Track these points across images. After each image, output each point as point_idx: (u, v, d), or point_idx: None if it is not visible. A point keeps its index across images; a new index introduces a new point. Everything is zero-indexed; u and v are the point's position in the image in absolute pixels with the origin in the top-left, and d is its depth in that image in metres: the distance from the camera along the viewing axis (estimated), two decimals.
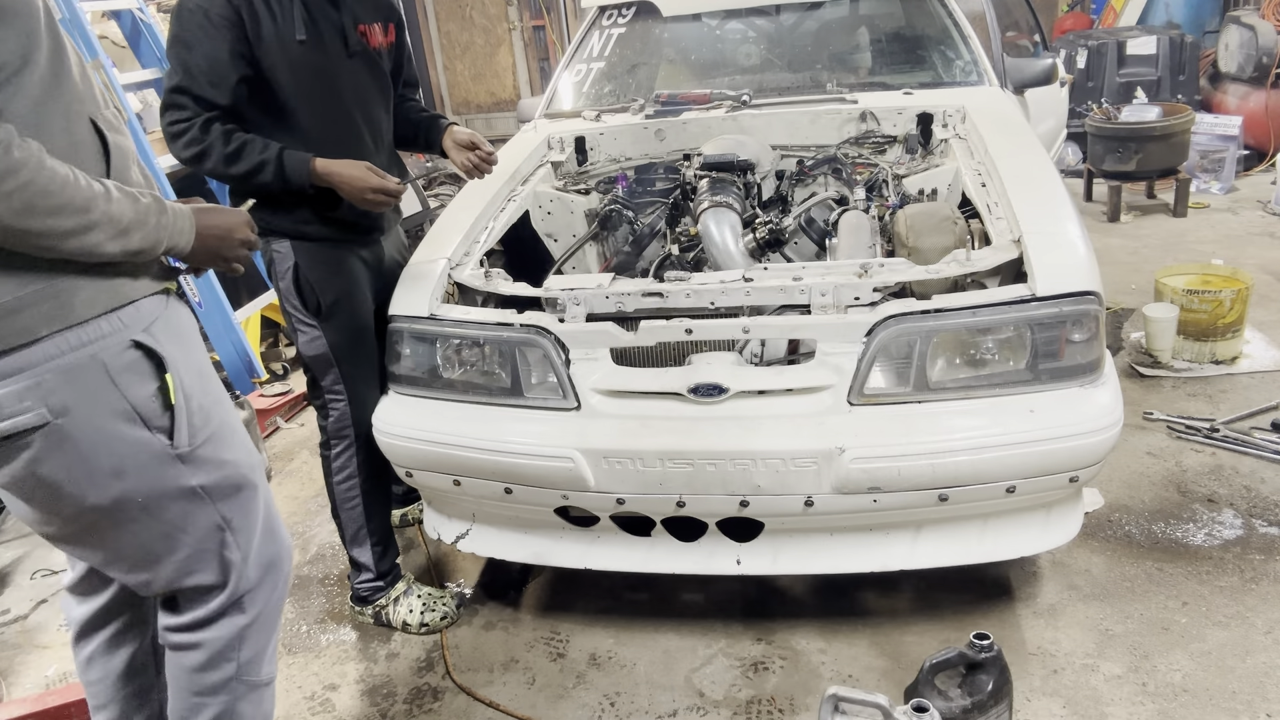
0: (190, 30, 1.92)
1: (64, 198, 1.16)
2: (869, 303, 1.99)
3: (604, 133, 3.11)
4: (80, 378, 1.24)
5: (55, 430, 1.24)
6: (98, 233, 1.21)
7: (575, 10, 8.34)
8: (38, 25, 1.20)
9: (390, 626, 2.40)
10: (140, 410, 1.29)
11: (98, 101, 1.32)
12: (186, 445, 1.34)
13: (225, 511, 1.42)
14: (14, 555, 3.02)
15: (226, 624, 1.47)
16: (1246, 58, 5.72)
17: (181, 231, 1.34)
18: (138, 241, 1.26)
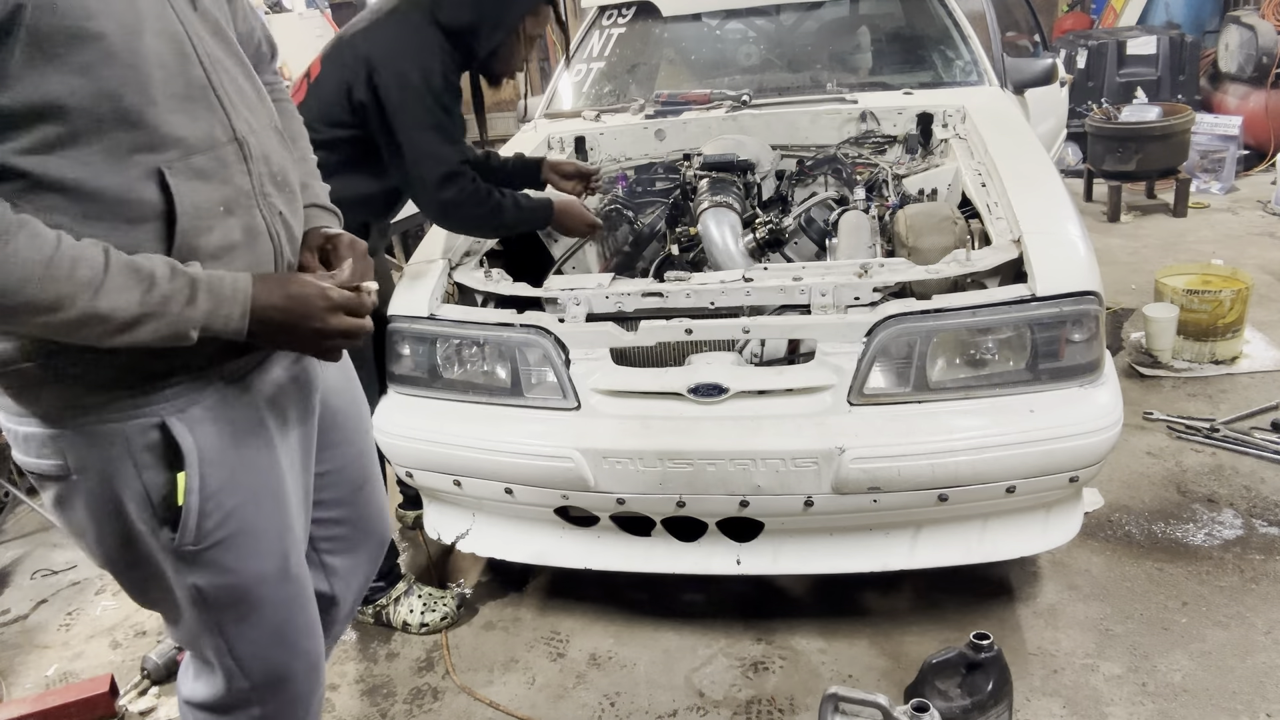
0: (446, 98, 2.06)
1: (20, 297, 0.96)
2: (869, 303, 1.99)
3: (604, 133, 3.11)
4: (101, 444, 1.14)
5: (71, 485, 1.17)
6: (85, 329, 1.02)
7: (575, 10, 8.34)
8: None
9: (390, 626, 2.40)
10: (152, 494, 1.17)
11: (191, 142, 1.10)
12: (191, 545, 1.20)
13: (219, 616, 1.27)
14: (14, 555, 3.03)
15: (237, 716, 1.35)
16: (1246, 58, 5.72)
17: (224, 318, 1.09)
18: (148, 335, 1.05)
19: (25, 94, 0.98)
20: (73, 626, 2.62)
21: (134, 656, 2.42)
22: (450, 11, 2.07)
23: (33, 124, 0.99)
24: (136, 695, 2.27)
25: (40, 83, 0.98)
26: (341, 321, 1.17)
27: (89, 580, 2.84)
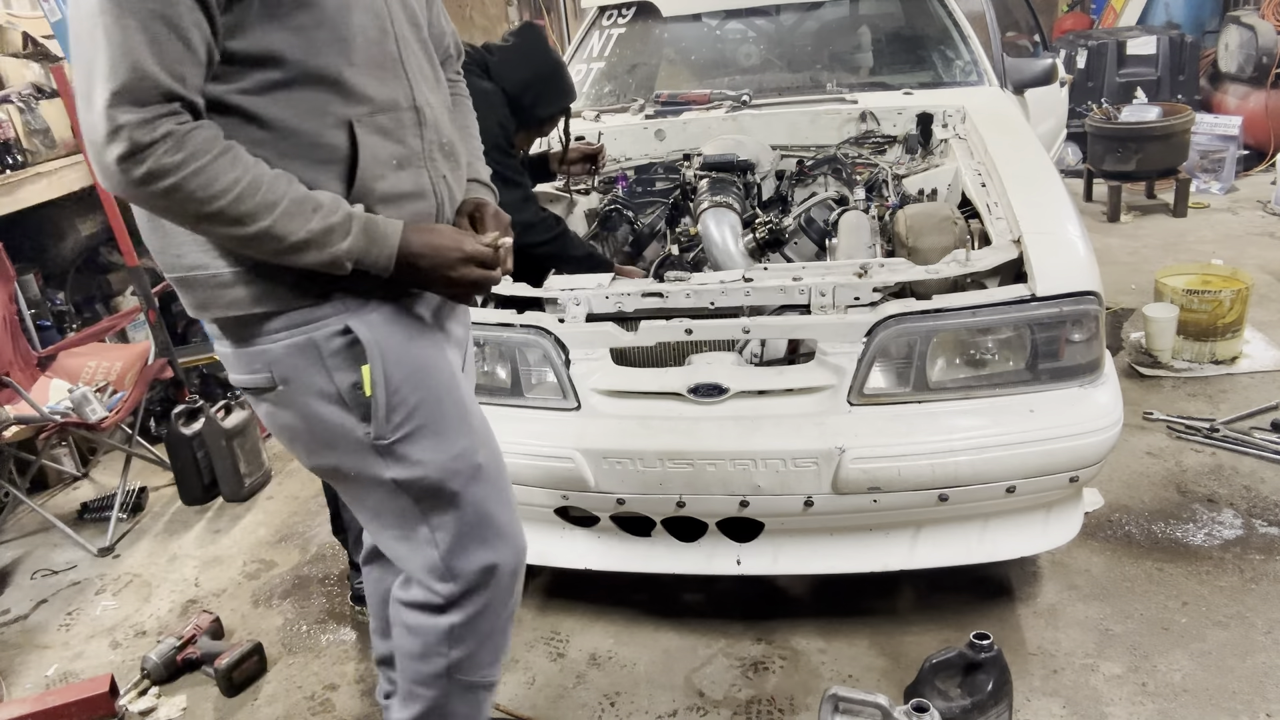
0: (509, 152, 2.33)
1: (218, 205, 1.14)
2: (869, 303, 1.99)
3: (604, 133, 3.11)
4: (299, 355, 1.30)
5: (279, 395, 1.33)
6: (262, 244, 1.19)
7: (575, 10, 8.34)
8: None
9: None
10: (345, 394, 1.32)
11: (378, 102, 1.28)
12: (382, 437, 1.33)
13: (424, 509, 1.40)
14: (14, 555, 3.03)
15: (436, 619, 1.47)
16: (1246, 58, 5.72)
17: (375, 255, 1.25)
18: (311, 259, 1.21)
19: (253, 43, 1.18)
20: (73, 626, 2.62)
21: (134, 656, 2.42)
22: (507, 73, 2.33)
23: (254, 69, 1.19)
24: (136, 695, 2.27)
25: (265, 36, 1.18)
26: (471, 272, 1.34)
27: (89, 580, 2.84)
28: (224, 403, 3.25)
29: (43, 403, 3.04)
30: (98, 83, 1.08)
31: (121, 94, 1.07)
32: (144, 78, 1.08)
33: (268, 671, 2.32)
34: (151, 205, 1.16)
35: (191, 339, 4.34)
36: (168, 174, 1.10)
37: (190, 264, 1.26)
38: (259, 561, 2.83)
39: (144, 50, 1.08)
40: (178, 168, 1.10)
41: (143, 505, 3.24)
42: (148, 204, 1.16)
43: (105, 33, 1.07)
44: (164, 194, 1.12)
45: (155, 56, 1.09)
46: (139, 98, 1.08)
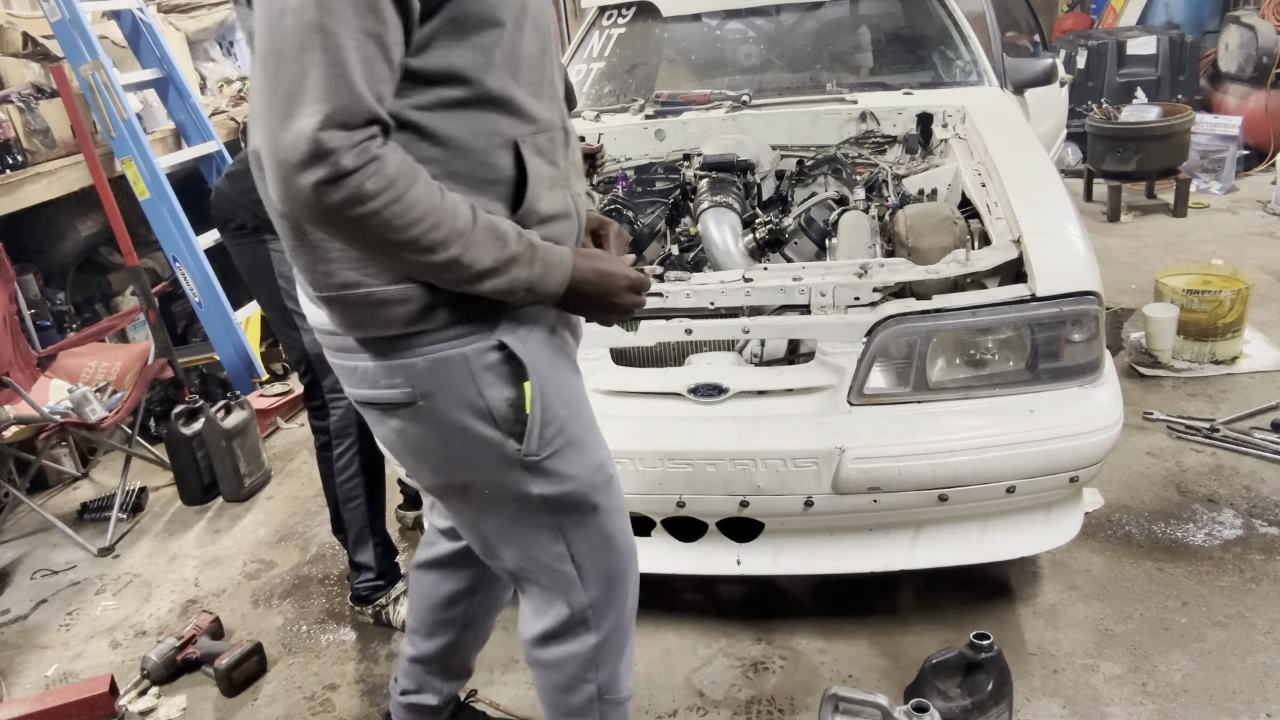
0: None
1: (412, 234, 1.10)
2: (869, 303, 1.99)
3: (604, 133, 3.11)
4: (446, 369, 1.26)
5: (418, 410, 1.29)
6: (445, 272, 1.15)
7: (575, 10, 8.33)
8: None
9: (390, 626, 2.40)
10: (495, 411, 1.29)
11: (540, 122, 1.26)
12: (534, 454, 1.31)
13: (562, 523, 1.39)
14: (14, 555, 3.03)
15: (577, 643, 1.47)
16: (1246, 58, 5.72)
17: (549, 283, 1.24)
18: (489, 287, 1.18)
19: (436, 60, 1.14)
20: (73, 626, 2.62)
21: (134, 656, 2.42)
22: None
23: (434, 85, 1.16)
24: (136, 695, 2.26)
25: (448, 53, 1.15)
26: (630, 298, 1.35)
27: (89, 580, 2.84)
28: (224, 403, 3.25)
29: (43, 403, 3.04)
30: (306, 103, 1.02)
31: (333, 116, 1.02)
32: (357, 100, 1.04)
33: (268, 671, 2.32)
34: (338, 230, 1.10)
35: (191, 339, 4.35)
36: (367, 200, 1.05)
37: (342, 282, 1.22)
38: (259, 561, 2.83)
39: (358, 71, 1.04)
40: (378, 194, 1.06)
41: (143, 505, 3.24)
42: (335, 228, 1.10)
43: (323, 49, 1.01)
44: (359, 220, 1.07)
45: (365, 77, 1.04)
46: (347, 120, 1.03)
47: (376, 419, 1.35)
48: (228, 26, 5.25)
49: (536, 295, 1.23)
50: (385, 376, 1.27)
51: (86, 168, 3.61)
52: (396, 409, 1.30)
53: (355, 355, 1.29)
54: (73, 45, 3.53)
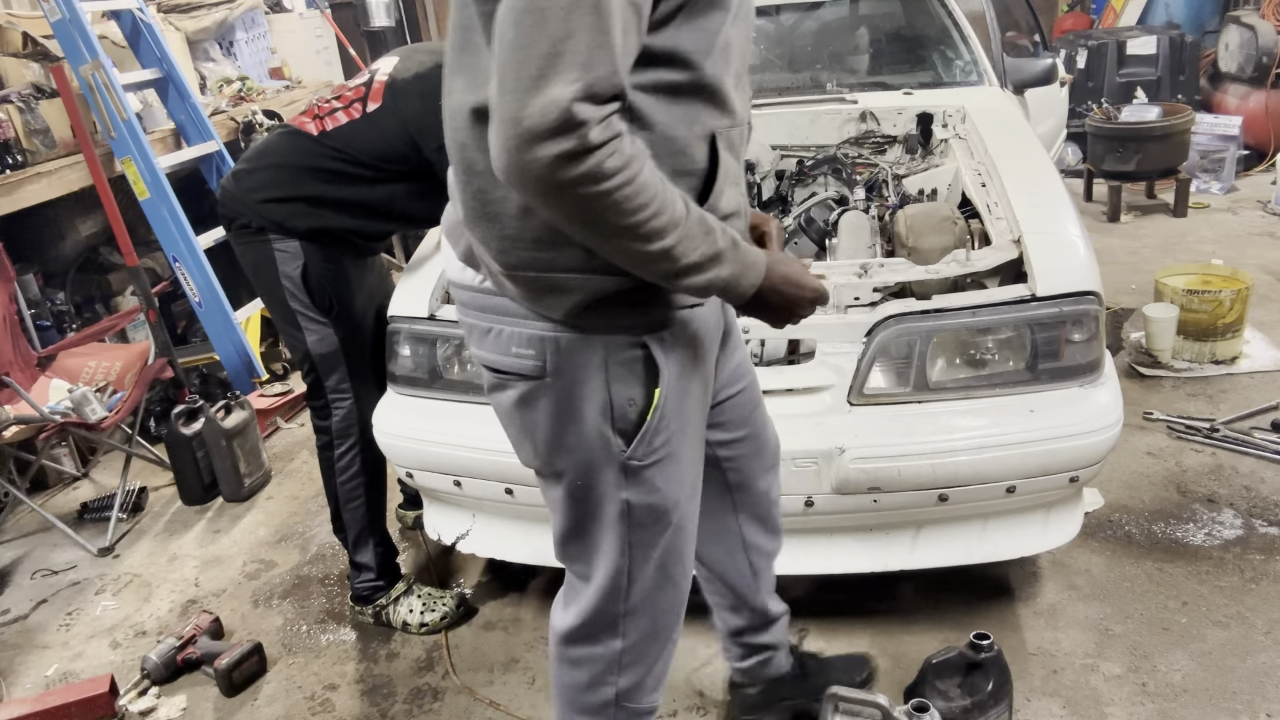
0: None
1: (635, 219, 1.04)
2: (869, 303, 1.99)
3: None
4: (582, 353, 1.24)
5: (542, 386, 1.27)
6: (654, 263, 1.10)
7: None
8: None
9: (390, 626, 2.40)
10: (615, 407, 1.26)
11: (737, 115, 1.22)
12: (637, 460, 1.30)
13: (634, 532, 1.37)
14: (14, 555, 3.03)
15: (603, 646, 1.45)
16: (1246, 58, 5.72)
17: (743, 284, 1.20)
18: (689, 282, 1.14)
19: (666, 40, 1.09)
20: (73, 626, 2.62)
21: (134, 656, 2.42)
22: None
23: (655, 67, 1.10)
24: (136, 695, 2.26)
25: (677, 34, 1.10)
26: (810, 308, 1.31)
27: (89, 580, 2.84)
28: (224, 403, 3.25)
29: (43, 403, 3.04)
30: (566, 69, 0.94)
31: (591, 87, 0.95)
32: (614, 72, 0.98)
33: (268, 671, 2.32)
34: (561, 207, 1.03)
35: (191, 339, 4.35)
36: (603, 180, 0.99)
37: (516, 262, 1.19)
38: (259, 561, 2.83)
39: (618, 41, 0.97)
40: (614, 174, 1.00)
41: (143, 505, 3.24)
42: (558, 205, 1.03)
43: (593, 13, 0.95)
44: (589, 199, 1.01)
45: (622, 49, 0.99)
46: (600, 92, 0.97)
47: (495, 385, 1.33)
48: (228, 26, 5.25)
49: (728, 295, 1.21)
50: (521, 345, 1.25)
51: (86, 168, 3.61)
52: (521, 380, 1.28)
53: (494, 318, 1.27)
54: (73, 45, 3.53)
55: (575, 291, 1.19)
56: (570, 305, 1.20)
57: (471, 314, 1.32)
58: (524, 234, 1.17)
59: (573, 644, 1.46)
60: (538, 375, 1.26)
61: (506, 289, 1.24)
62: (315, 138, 2.15)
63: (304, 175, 2.14)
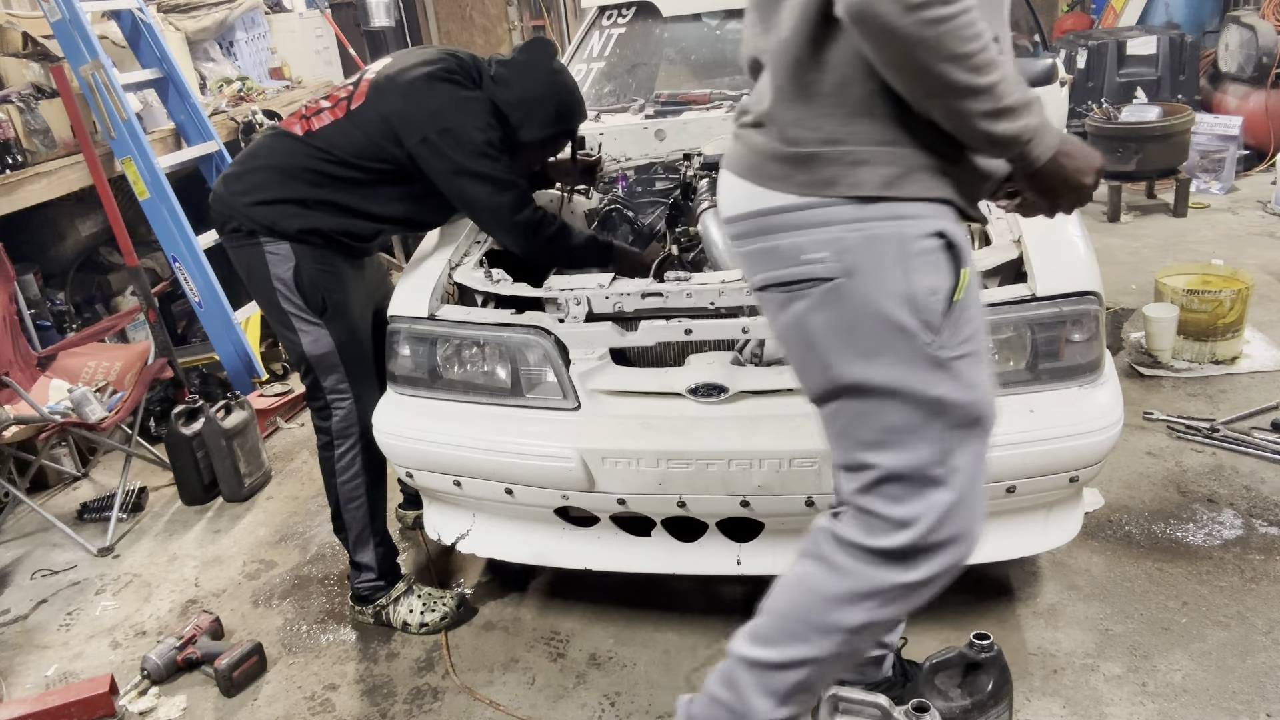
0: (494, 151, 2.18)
1: (971, 47, 1.11)
2: None
3: (604, 133, 3.11)
4: (878, 247, 1.23)
5: (835, 289, 1.25)
6: (979, 101, 1.15)
7: (575, 10, 8.34)
8: None
9: (390, 626, 2.40)
10: (917, 298, 1.24)
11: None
12: (948, 349, 1.26)
13: (952, 439, 1.29)
14: (14, 555, 3.03)
15: (889, 572, 1.34)
16: (1246, 58, 5.72)
17: (1044, 140, 1.22)
18: (1001, 130, 1.17)
19: None
20: (73, 626, 2.62)
21: (134, 656, 2.42)
22: (500, 93, 2.22)
23: None
24: (136, 695, 2.27)
25: None
26: (1094, 186, 1.29)
27: (89, 580, 2.84)
28: (224, 403, 3.25)
29: (42, 403, 3.04)
30: None
31: None
32: None
33: (268, 671, 2.32)
34: (909, 34, 1.10)
35: (191, 339, 4.35)
36: (948, 2, 1.09)
37: (827, 137, 1.22)
38: (259, 561, 2.83)
39: None
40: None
41: (143, 505, 3.24)
42: (908, 32, 1.10)
43: None
44: (936, 21, 1.09)
45: None
46: None
47: (780, 304, 1.31)
48: (228, 26, 5.25)
49: (1028, 152, 1.21)
50: (811, 250, 1.25)
51: (86, 168, 3.61)
52: (810, 288, 1.26)
53: (779, 235, 1.27)
54: (73, 45, 3.53)
55: (884, 164, 1.21)
56: (882, 177, 1.21)
57: (752, 241, 1.32)
58: (839, 109, 1.22)
59: (846, 548, 1.36)
60: (830, 277, 1.24)
61: (810, 175, 1.24)
62: (301, 139, 2.17)
63: (291, 177, 2.15)
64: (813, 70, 1.22)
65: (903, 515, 1.32)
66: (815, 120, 1.23)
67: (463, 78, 2.19)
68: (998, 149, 1.23)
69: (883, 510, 1.34)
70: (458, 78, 2.17)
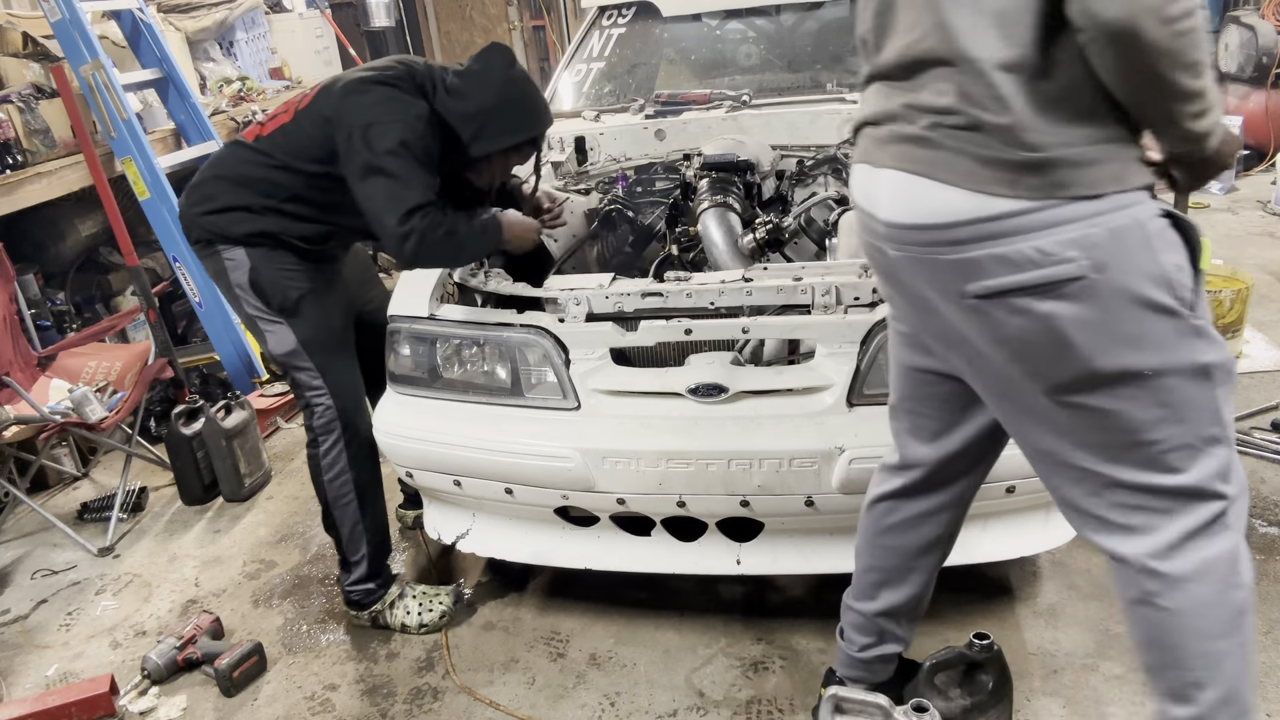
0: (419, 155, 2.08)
1: (1201, 55, 1.15)
2: (869, 303, 1.99)
3: (604, 133, 3.11)
4: (1123, 237, 1.24)
5: (1087, 286, 1.25)
6: (1194, 103, 1.20)
7: (575, 10, 8.35)
8: None
9: (389, 629, 2.39)
10: (1170, 278, 1.26)
11: None
12: (1201, 318, 1.28)
13: (1220, 397, 1.31)
14: (14, 555, 3.03)
15: (1220, 541, 1.32)
16: (1246, 58, 5.72)
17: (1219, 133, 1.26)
18: (1203, 125, 1.23)
19: None
20: (73, 626, 2.62)
21: (134, 656, 2.42)
22: (445, 107, 2.14)
23: None
24: (136, 695, 2.27)
25: None
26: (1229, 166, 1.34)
27: (89, 580, 2.84)
28: (224, 403, 3.25)
29: (43, 403, 3.04)
30: None
31: None
32: None
33: (268, 671, 2.32)
34: (1160, 43, 1.13)
35: (191, 339, 4.35)
36: (1194, 11, 1.12)
37: (1061, 141, 1.24)
38: (259, 561, 2.83)
39: None
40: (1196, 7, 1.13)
41: (143, 505, 3.24)
42: (1152, 45, 1.13)
43: None
44: (1184, 34, 1.12)
45: None
46: None
47: (1014, 309, 1.29)
48: (228, 26, 5.25)
49: (1208, 145, 1.25)
50: (1057, 251, 1.25)
51: (86, 168, 3.61)
52: (1061, 288, 1.26)
53: (1006, 241, 1.26)
54: (73, 45, 3.53)
55: (1112, 161, 1.24)
56: (1110, 174, 1.24)
57: (970, 250, 1.30)
58: (1069, 112, 1.23)
59: (1182, 550, 1.33)
60: (1080, 276, 1.25)
61: (1044, 180, 1.25)
62: (249, 145, 2.21)
63: (239, 184, 2.18)
64: (1041, 75, 1.23)
65: (1197, 482, 1.32)
66: (1048, 125, 1.23)
67: (406, 85, 2.13)
68: (1188, 142, 1.26)
69: (1174, 482, 1.33)
70: (398, 83, 2.13)
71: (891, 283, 1.48)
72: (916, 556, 1.75)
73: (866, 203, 1.43)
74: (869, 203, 1.43)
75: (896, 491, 1.71)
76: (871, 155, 1.41)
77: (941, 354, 1.49)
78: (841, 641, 1.86)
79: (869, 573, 1.78)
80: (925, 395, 1.62)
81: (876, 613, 1.79)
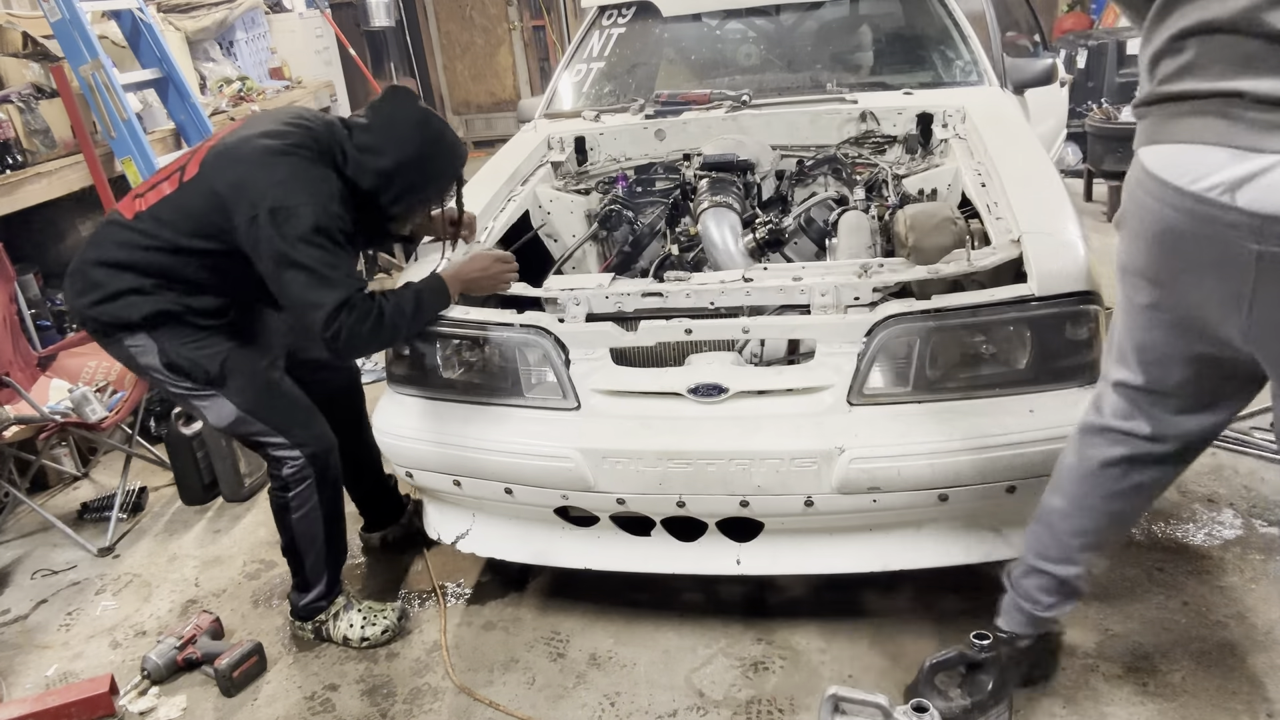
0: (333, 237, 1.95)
1: None
2: (869, 303, 1.99)
3: (604, 133, 3.11)
4: None
5: None
6: None
7: (575, 10, 8.35)
8: None
9: (331, 641, 2.36)
10: None
11: None
12: None
13: None
14: (14, 555, 3.03)
15: None
16: None
17: None
18: None
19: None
20: (73, 626, 2.62)
21: (134, 656, 2.42)
22: (359, 170, 2.02)
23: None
24: (136, 695, 2.27)
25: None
26: None
27: (89, 580, 2.84)
28: None
29: (43, 403, 3.04)
30: None
31: None
32: None
33: (268, 671, 2.32)
34: None
35: None
36: None
37: None
38: (259, 561, 2.83)
39: None
40: None
41: (143, 505, 3.24)
42: None
43: None
44: None
45: None
46: None
47: None
48: (228, 26, 5.25)
49: None
50: None
51: (86, 168, 3.61)
52: None
53: None
54: (73, 45, 3.53)
55: None
56: None
57: None
58: None
59: None
60: None
61: None
62: (128, 224, 2.06)
63: (122, 269, 2.04)
64: None
65: None
66: None
67: (312, 152, 1.97)
68: None
69: None
70: (304, 152, 1.96)
71: (1217, 272, 1.38)
72: (1135, 516, 1.79)
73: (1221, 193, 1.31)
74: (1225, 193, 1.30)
75: (1140, 457, 1.66)
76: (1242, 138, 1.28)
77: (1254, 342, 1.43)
78: (1026, 603, 1.82)
79: (1080, 535, 1.74)
80: (1198, 376, 1.56)
81: (1075, 576, 1.78)
